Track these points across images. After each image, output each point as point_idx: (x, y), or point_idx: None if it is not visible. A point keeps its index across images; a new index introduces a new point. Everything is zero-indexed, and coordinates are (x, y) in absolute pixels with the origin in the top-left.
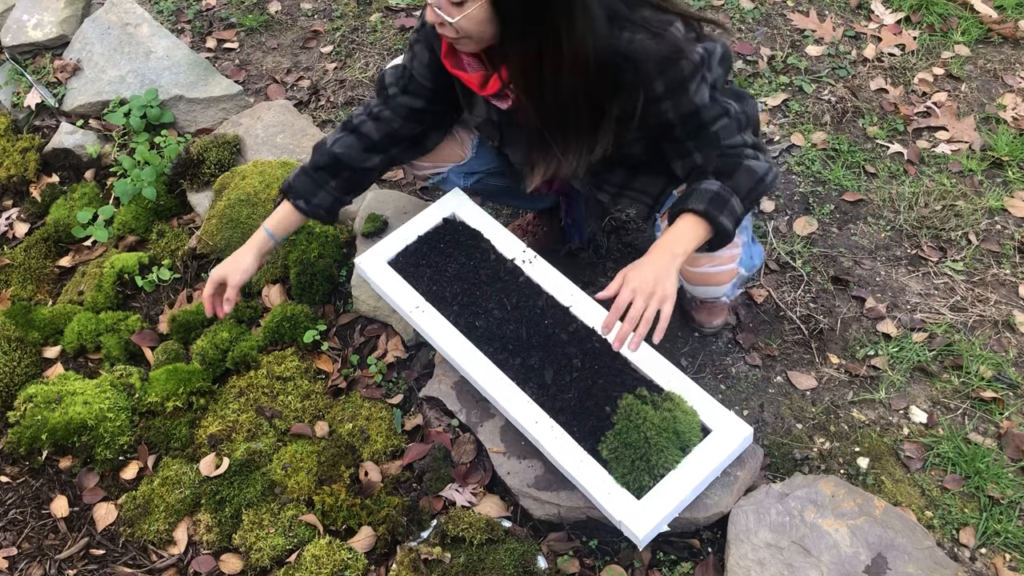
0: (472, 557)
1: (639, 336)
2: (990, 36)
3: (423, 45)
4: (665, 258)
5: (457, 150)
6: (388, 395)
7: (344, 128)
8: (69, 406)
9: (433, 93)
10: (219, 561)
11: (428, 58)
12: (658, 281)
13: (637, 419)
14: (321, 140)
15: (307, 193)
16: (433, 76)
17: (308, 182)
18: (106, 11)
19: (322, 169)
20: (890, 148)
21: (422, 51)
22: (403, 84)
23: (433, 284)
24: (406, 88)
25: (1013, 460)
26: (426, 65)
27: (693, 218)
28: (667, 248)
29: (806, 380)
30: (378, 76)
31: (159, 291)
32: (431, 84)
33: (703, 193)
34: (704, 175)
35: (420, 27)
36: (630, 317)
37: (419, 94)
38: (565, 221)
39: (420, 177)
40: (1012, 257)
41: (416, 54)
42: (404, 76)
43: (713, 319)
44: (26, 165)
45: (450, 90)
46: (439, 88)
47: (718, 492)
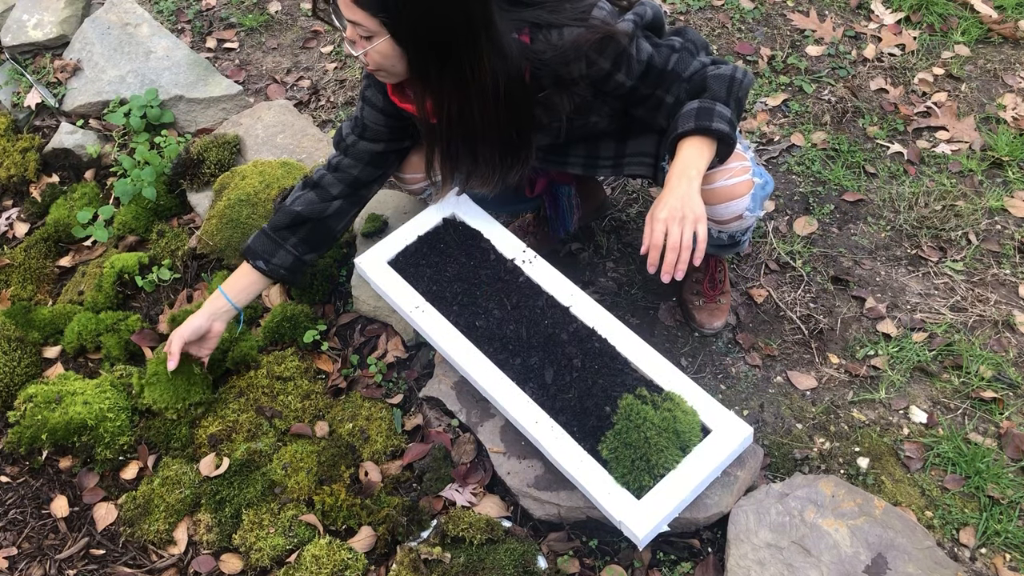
0: (472, 557)
1: (684, 262)
2: (990, 36)
3: (375, 89)
4: (683, 183)
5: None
6: (388, 395)
7: (304, 186)
8: (69, 406)
9: (389, 133)
10: (219, 561)
11: (382, 101)
12: (685, 204)
13: (637, 419)
14: (282, 200)
15: (266, 253)
16: (387, 119)
17: (267, 242)
18: (106, 11)
19: (282, 228)
20: (890, 148)
21: (374, 94)
22: (359, 131)
23: (433, 284)
24: (362, 135)
25: (1013, 460)
26: (380, 110)
27: (690, 139)
28: (681, 174)
29: (806, 380)
30: (335, 135)
31: (159, 291)
32: (385, 125)
33: (687, 114)
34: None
35: (368, 75)
36: (670, 246)
37: (377, 138)
38: (548, 214)
39: (412, 192)
40: (1012, 257)
41: (367, 99)
42: (359, 125)
43: (714, 320)
44: (26, 165)
45: (408, 128)
46: (393, 127)
47: (718, 492)
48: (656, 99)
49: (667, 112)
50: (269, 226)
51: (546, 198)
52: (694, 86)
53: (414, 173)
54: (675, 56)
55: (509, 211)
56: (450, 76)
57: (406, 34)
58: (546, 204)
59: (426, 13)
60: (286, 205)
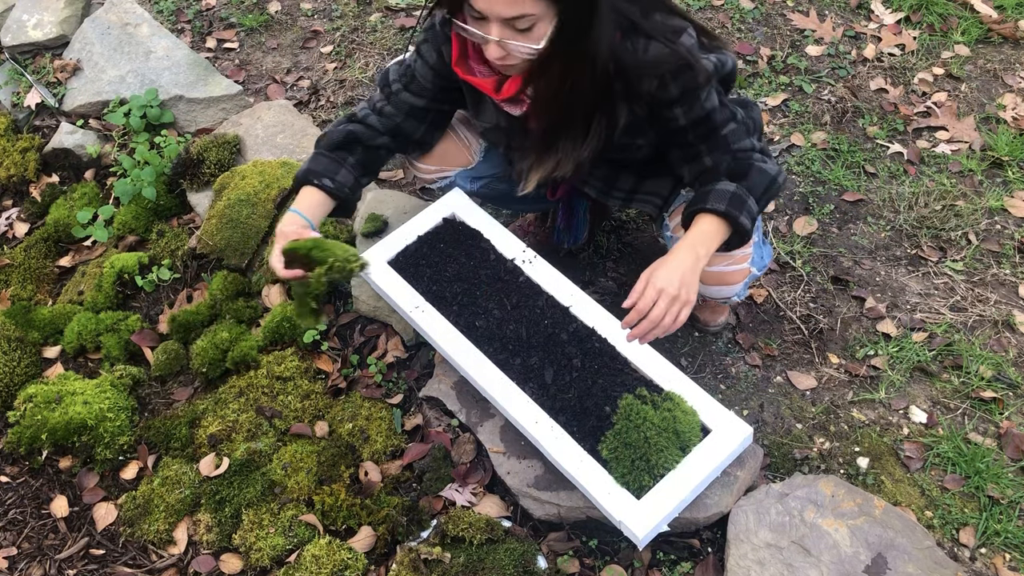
0: (472, 557)
1: (654, 337)
2: (990, 36)
3: (431, 46)
4: (691, 259)
5: (464, 154)
6: (388, 395)
7: (348, 120)
8: (69, 406)
9: (434, 94)
10: (219, 561)
11: (435, 60)
12: (683, 284)
13: (637, 419)
14: (324, 132)
15: (330, 172)
16: (436, 78)
17: (327, 162)
18: (106, 11)
19: (337, 148)
20: (890, 148)
21: (429, 52)
22: (405, 82)
23: (433, 284)
24: (408, 86)
25: (1013, 460)
26: (431, 67)
27: (713, 218)
28: (692, 248)
29: (806, 380)
30: (382, 72)
31: (159, 291)
32: (432, 85)
33: (722, 193)
34: (715, 177)
35: (429, 28)
36: (652, 318)
37: (421, 93)
38: (558, 223)
39: (426, 181)
40: (1012, 257)
41: (422, 54)
42: (407, 74)
43: (717, 317)
44: (26, 165)
45: (453, 92)
46: (441, 89)
47: (718, 492)
48: (695, 152)
49: (698, 170)
50: (324, 147)
51: (562, 206)
52: (738, 165)
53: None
54: (732, 125)
55: (519, 209)
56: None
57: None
58: (560, 212)
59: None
60: (335, 129)
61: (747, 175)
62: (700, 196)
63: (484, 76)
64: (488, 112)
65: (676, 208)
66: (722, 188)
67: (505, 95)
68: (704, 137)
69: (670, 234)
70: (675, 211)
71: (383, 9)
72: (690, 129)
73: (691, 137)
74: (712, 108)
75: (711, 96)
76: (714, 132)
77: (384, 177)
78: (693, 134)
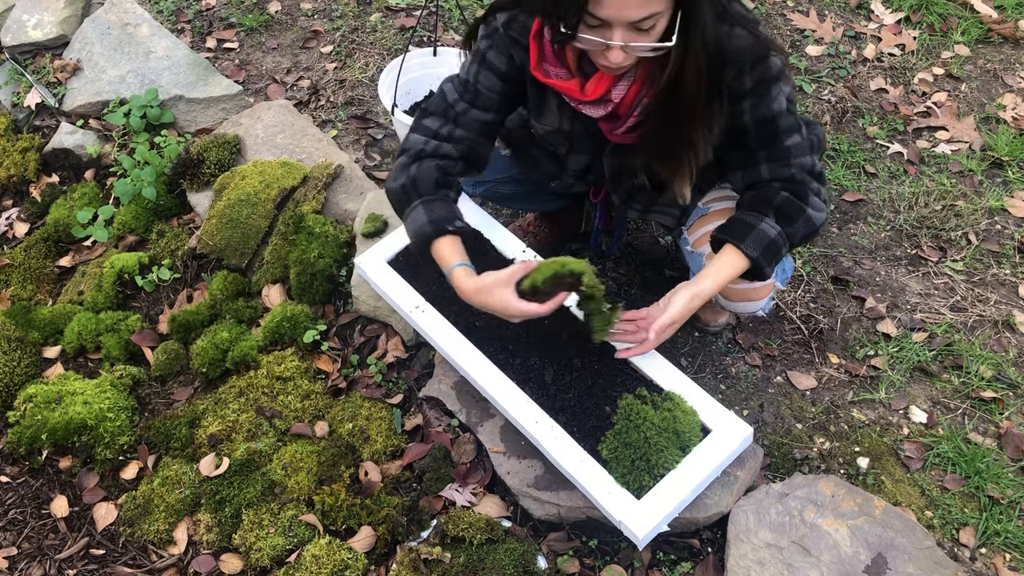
0: (472, 557)
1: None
2: (990, 36)
3: (498, 52)
4: (693, 307)
5: None
6: (388, 395)
7: (415, 159)
8: (69, 406)
9: (500, 104)
10: (219, 561)
11: (505, 65)
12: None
13: (637, 419)
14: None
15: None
16: (504, 86)
17: (441, 205)
18: (106, 11)
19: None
20: (890, 148)
21: (497, 58)
22: (470, 99)
23: (433, 284)
24: (474, 103)
25: (1013, 460)
26: (500, 74)
27: (741, 258)
28: (699, 297)
29: (806, 380)
30: (435, 101)
31: (159, 291)
32: (500, 93)
33: (760, 237)
34: (766, 199)
35: (490, 34)
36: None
37: (489, 107)
38: (595, 225)
39: None
40: (1012, 257)
41: (488, 63)
42: (470, 91)
43: (717, 317)
44: (26, 165)
45: (516, 99)
46: (507, 98)
47: (718, 492)
48: (753, 158)
49: (752, 179)
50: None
51: (601, 209)
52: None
53: None
54: (796, 138)
55: (534, 209)
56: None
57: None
58: (598, 215)
59: None
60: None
61: (795, 219)
62: (740, 225)
63: (563, 79)
64: (550, 115)
65: (695, 222)
66: (764, 230)
67: (591, 96)
68: (766, 142)
69: (690, 249)
70: (694, 225)
71: (383, 9)
72: (753, 128)
73: (752, 139)
74: (780, 111)
75: (780, 97)
76: (776, 139)
77: (384, 177)
78: (755, 136)
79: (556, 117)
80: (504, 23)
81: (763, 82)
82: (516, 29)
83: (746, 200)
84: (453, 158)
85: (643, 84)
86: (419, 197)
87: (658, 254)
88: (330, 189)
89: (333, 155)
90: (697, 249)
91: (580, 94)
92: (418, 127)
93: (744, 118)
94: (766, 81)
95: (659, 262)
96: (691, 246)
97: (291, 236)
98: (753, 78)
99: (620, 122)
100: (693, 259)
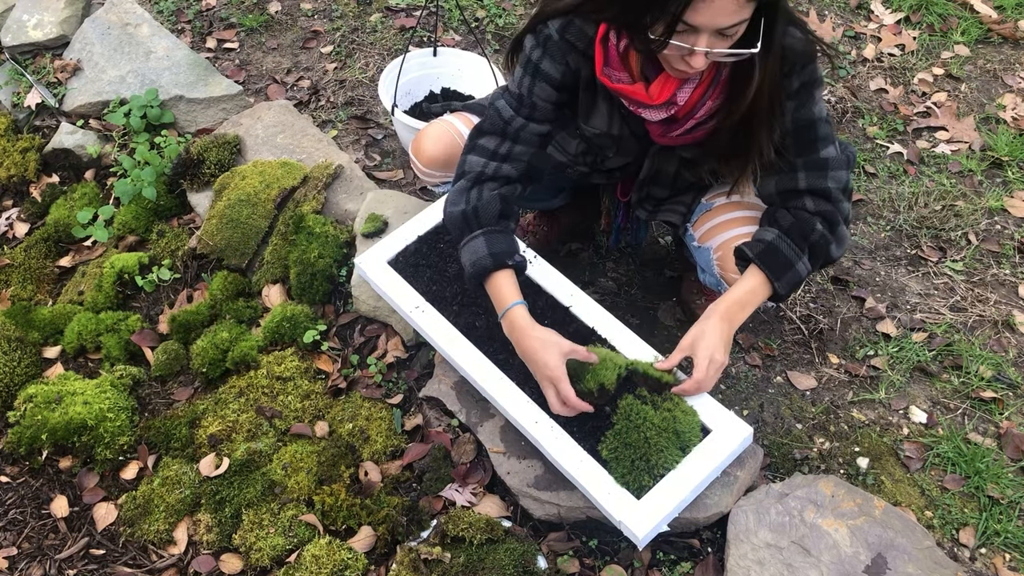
0: (472, 557)
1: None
2: (990, 36)
3: (554, 61)
4: (731, 328)
5: None
6: (388, 395)
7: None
8: (69, 406)
9: (554, 114)
10: (219, 561)
11: (562, 72)
12: (726, 352)
13: (637, 419)
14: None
15: (512, 246)
16: (560, 94)
17: (502, 238)
18: (106, 11)
19: (500, 218)
20: (890, 148)
21: (552, 67)
22: (527, 113)
23: (433, 284)
24: (531, 116)
25: (1013, 460)
26: (556, 83)
27: (769, 289)
28: (730, 320)
29: (806, 380)
30: (489, 111)
31: (159, 291)
32: (555, 102)
33: (794, 278)
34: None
35: (542, 43)
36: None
37: (545, 118)
38: (616, 223)
39: (430, 185)
40: (1012, 257)
41: (543, 73)
42: (526, 105)
43: None
44: (26, 165)
45: (566, 106)
46: (559, 106)
47: (718, 492)
48: (791, 165)
49: (786, 187)
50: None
51: (622, 208)
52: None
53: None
54: (832, 151)
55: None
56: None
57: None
58: (621, 213)
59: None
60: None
61: (820, 257)
62: (779, 259)
63: (625, 83)
64: (599, 118)
65: (699, 217)
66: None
67: (658, 100)
68: (804, 149)
69: (696, 244)
70: (698, 220)
71: (383, 9)
72: (793, 132)
73: (791, 142)
74: (820, 117)
75: (821, 103)
76: (814, 146)
77: (384, 177)
78: (795, 139)
79: (605, 120)
80: (559, 29)
81: (809, 84)
82: (573, 33)
83: (784, 223)
84: (513, 180)
85: (707, 87)
86: (480, 227)
87: (658, 254)
88: (330, 189)
89: (333, 155)
90: (704, 244)
91: (647, 98)
92: (474, 147)
93: (786, 119)
94: (811, 83)
95: (659, 262)
96: (697, 241)
97: (291, 236)
98: (801, 79)
99: (678, 124)
100: (700, 254)
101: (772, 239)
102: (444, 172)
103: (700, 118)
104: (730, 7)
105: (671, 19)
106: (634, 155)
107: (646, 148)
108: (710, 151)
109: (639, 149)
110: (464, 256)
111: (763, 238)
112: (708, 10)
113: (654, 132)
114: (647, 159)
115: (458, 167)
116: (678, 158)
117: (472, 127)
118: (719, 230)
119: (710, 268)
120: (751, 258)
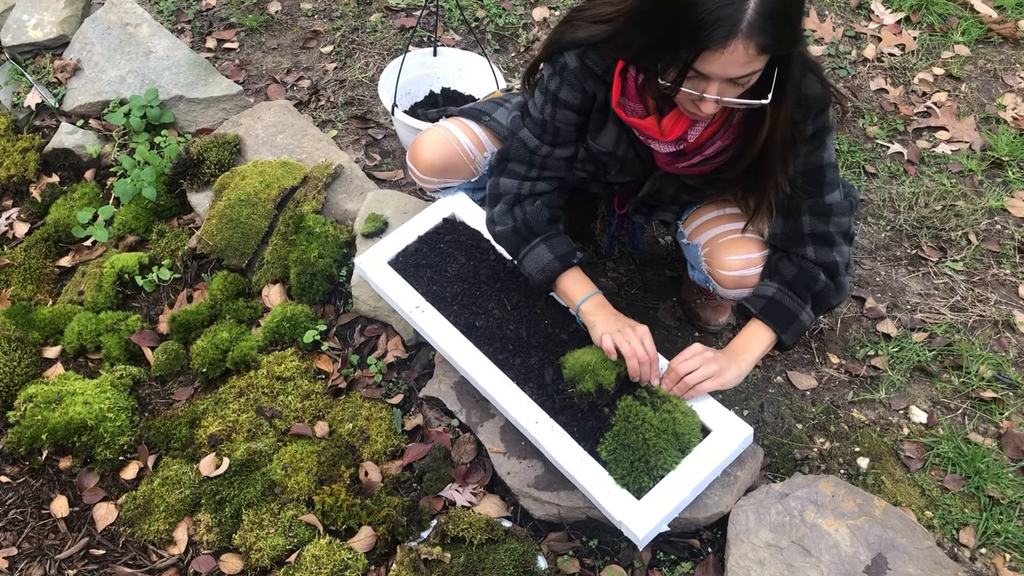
0: (472, 557)
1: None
2: (990, 36)
3: (571, 90)
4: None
5: (468, 168)
6: (388, 395)
7: (515, 201)
8: (69, 406)
9: (576, 133)
10: (219, 561)
11: (580, 99)
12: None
13: (636, 420)
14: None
15: (570, 246)
16: (579, 118)
17: (559, 240)
18: (106, 11)
19: (549, 222)
20: (890, 148)
21: (571, 95)
22: (551, 140)
23: (433, 284)
24: (555, 142)
25: (1013, 460)
26: (575, 108)
27: (773, 339)
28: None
29: (806, 380)
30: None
31: (159, 291)
32: (575, 125)
33: (798, 328)
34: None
35: (559, 72)
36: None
37: (568, 142)
38: (611, 230)
39: (429, 191)
40: (1012, 257)
41: (562, 101)
42: (549, 131)
43: (719, 316)
44: (26, 165)
45: (586, 123)
46: (579, 128)
47: (718, 492)
48: (796, 209)
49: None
50: (539, 231)
51: (617, 218)
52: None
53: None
54: (838, 196)
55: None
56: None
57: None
58: (615, 222)
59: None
60: (530, 216)
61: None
62: (784, 313)
63: (639, 115)
64: (607, 137)
65: (689, 215)
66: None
67: (669, 137)
68: (811, 192)
69: (686, 241)
70: (688, 218)
71: (383, 9)
72: (802, 175)
73: (798, 185)
74: (828, 162)
75: (831, 148)
76: (820, 191)
77: (384, 177)
78: (803, 182)
79: (613, 141)
80: (578, 54)
81: (822, 130)
82: (592, 59)
83: (787, 275)
84: (550, 191)
85: (719, 128)
86: (536, 236)
87: (658, 254)
88: (330, 189)
89: (333, 155)
90: (692, 241)
91: (658, 133)
92: (504, 171)
93: (797, 162)
94: (823, 130)
95: (659, 262)
96: (687, 238)
97: (291, 236)
98: (815, 125)
99: (685, 158)
100: (689, 250)
101: (773, 294)
102: (442, 179)
103: (708, 155)
104: (742, 59)
105: (682, 67)
106: (636, 175)
107: (649, 171)
108: (714, 182)
109: (642, 171)
110: (528, 265)
111: (764, 294)
112: (719, 60)
113: (660, 160)
114: (648, 180)
115: (490, 188)
116: (680, 183)
117: (470, 133)
118: (707, 227)
119: (699, 264)
120: (754, 314)
